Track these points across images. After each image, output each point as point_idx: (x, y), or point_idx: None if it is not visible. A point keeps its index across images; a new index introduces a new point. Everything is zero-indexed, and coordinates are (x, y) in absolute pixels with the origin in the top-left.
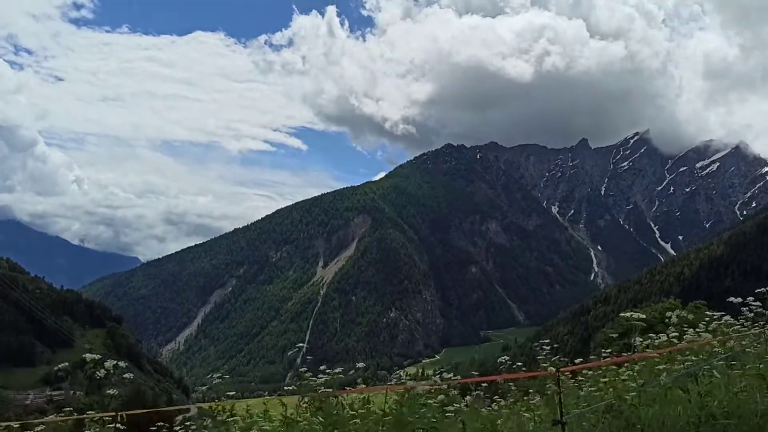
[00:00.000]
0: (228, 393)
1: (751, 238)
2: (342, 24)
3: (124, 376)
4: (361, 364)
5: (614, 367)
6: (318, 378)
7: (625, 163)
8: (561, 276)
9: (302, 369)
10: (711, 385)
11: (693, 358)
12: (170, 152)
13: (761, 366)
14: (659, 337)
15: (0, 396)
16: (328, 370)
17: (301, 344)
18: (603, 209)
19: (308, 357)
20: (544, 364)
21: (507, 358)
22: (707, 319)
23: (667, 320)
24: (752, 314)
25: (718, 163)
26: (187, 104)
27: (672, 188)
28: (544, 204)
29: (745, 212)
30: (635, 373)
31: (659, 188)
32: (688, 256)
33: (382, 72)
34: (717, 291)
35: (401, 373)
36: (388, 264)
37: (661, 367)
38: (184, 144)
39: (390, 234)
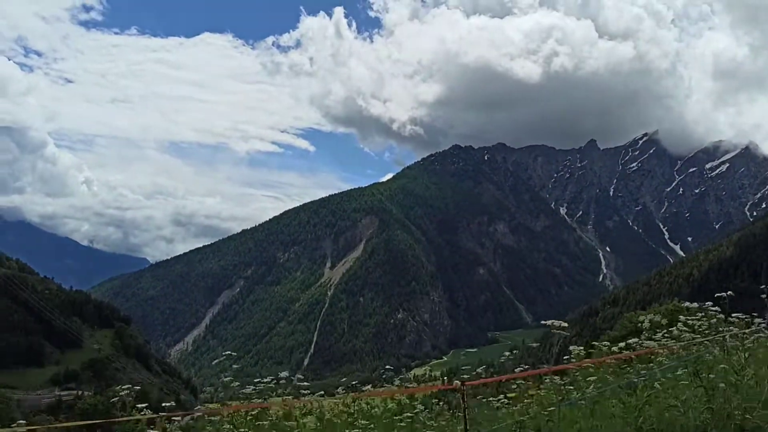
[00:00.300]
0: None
1: (761, 239)
2: (349, 25)
3: None
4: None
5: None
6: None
7: (634, 164)
8: (569, 277)
9: (228, 378)
10: (650, 398)
11: (638, 366)
12: (178, 154)
13: (711, 376)
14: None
15: (5, 396)
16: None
17: (228, 352)
18: (611, 210)
19: (234, 367)
20: (464, 376)
21: (429, 368)
22: (680, 323)
23: (639, 324)
24: (714, 320)
25: (727, 164)
26: (195, 106)
27: (681, 189)
28: (552, 205)
29: (755, 213)
30: (551, 388)
31: (668, 189)
32: (697, 258)
33: (390, 73)
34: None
35: (410, 375)
36: (395, 265)
37: (591, 378)
38: (192, 145)
39: (397, 235)
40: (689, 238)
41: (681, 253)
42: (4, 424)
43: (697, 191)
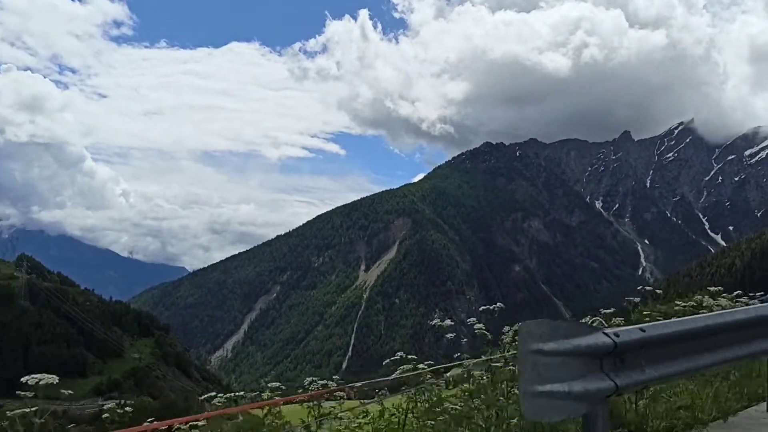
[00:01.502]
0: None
1: None
2: (375, 27)
3: None
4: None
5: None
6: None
7: (670, 154)
8: (607, 271)
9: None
10: None
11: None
12: (211, 163)
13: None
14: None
15: (42, 408)
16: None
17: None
18: (649, 202)
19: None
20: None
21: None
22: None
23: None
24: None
25: (767, 150)
26: (226, 114)
27: (720, 177)
28: (587, 199)
29: None
30: None
31: (707, 178)
32: (739, 247)
33: (417, 73)
34: None
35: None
36: (430, 266)
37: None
38: (224, 154)
39: (431, 235)
40: (730, 227)
41: (722, 242)
42: None
43: (736, 179)
